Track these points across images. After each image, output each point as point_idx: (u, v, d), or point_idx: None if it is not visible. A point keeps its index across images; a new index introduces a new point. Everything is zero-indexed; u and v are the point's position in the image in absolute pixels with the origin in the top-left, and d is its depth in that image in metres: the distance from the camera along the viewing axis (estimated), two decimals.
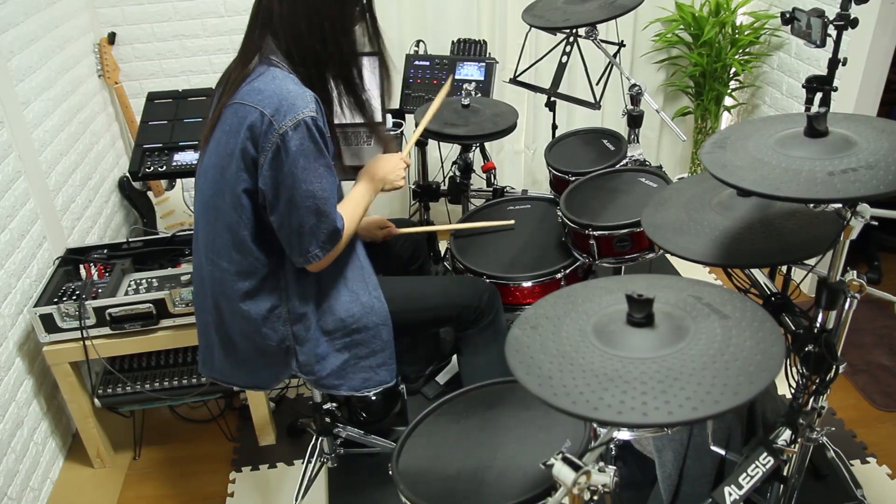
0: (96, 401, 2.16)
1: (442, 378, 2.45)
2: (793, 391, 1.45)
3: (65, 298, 2.06)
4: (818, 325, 1.36)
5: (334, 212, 1.52)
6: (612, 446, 1.36)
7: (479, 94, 2.65)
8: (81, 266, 2.20)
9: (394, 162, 1.76)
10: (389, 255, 2.07)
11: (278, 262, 1.57)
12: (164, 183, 3.08)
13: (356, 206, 1.66)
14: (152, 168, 2.42)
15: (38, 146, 2.37)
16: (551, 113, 2.70)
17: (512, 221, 2.24)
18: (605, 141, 2.44)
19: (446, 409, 1.51)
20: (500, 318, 1.91)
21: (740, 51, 3.10)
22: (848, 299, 1.34)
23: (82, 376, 2.17)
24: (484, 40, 2.80)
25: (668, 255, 2.42)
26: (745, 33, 3.06)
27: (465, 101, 2.32)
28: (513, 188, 2.61)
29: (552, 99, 2.58)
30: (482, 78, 2.71)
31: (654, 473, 1.71)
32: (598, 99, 2.32)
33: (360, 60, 1.57)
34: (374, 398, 2.11)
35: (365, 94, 1.61)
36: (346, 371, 1.69)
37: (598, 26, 2.23)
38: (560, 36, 2.43)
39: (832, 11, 1.91)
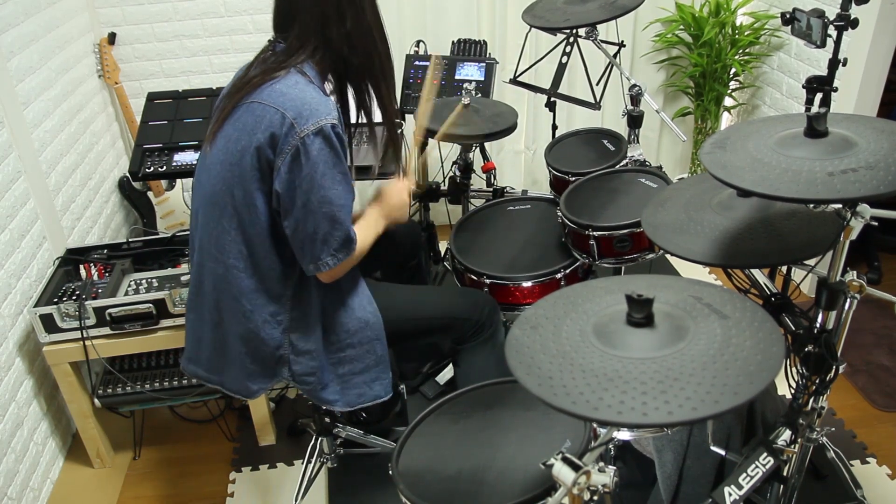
0: (96, 401, 2.16)
1: (442, 378, 2.45)
2: (793, 391, 1.45)
3: (65, 298, 2.06)
4: (818, 325, 1.35)
5: (349, 220, 1.50)
6: (611, 446, 1.36)
7: (479, 95, 2.65)
8: (81, 266, 2.20)
9: (403, 198, 1.74)
10: (389, 248, 2.06)
11: (286, 269, 1.56)
12: (164, 183, 3.08)
13: (368, 229, 1.65)
14: (152, 168, 2.42)
15: (38, 146, 2.37)
16: (551, 113, 2.70)
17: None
18: (605, 141, 2.44)
19: (446, 410, 1.51)
20: (498, 332, 1.88)
21: (740, 51, 3.10)
22: (848, 300, 1.34)
23: (82, 376, 2.17)
24: (484, 40, 2.80)
25: (668, 256, 2.42)
26: (745, 34, 3.06)
27: (465, 102, 2.32)
28: (513, 188, 2.61)
29: (552, 99, 2.58)
30: (482, 78, 2.71)
31: (654, 473, 1.71)
32: (598, 99, 2.32)
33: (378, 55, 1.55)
34: None
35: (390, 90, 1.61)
36: (341, 387, 1.69)
37: (598, 26, 2.23)
38: (560, 36, 2.43)
39: (832, 12, 1.91)
